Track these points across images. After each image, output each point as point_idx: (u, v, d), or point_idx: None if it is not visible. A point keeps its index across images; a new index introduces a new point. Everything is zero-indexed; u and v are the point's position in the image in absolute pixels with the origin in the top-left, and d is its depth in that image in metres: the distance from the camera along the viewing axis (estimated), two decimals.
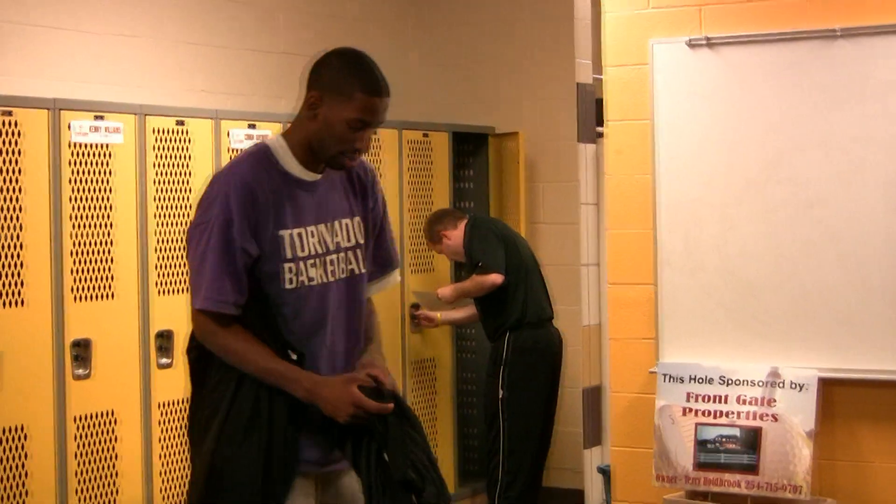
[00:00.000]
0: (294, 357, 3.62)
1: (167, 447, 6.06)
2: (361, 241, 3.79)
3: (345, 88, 3.60)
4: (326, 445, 3.69)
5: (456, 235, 7.39)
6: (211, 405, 3.61)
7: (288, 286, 3.62)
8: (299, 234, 3.64)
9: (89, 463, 5.71)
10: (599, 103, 7.43)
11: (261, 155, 3.67)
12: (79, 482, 5.66)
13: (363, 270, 3.80)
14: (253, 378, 3.58)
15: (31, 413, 5.50)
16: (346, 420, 3.57)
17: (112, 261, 5.84)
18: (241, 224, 3.55)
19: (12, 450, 5.43)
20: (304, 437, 3.65)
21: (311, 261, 3.66)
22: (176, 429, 6.04)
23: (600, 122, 7.43)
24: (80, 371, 5.68)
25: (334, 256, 3.71)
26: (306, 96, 3.67)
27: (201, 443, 3.62)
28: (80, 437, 5.69)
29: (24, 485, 5.42)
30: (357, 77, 3.61)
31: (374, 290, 3.95)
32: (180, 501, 6.07)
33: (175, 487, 6.08)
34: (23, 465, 5.45)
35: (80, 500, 5.65)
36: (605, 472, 7.45)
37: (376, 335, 3.95)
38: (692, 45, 5.88)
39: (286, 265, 3.62)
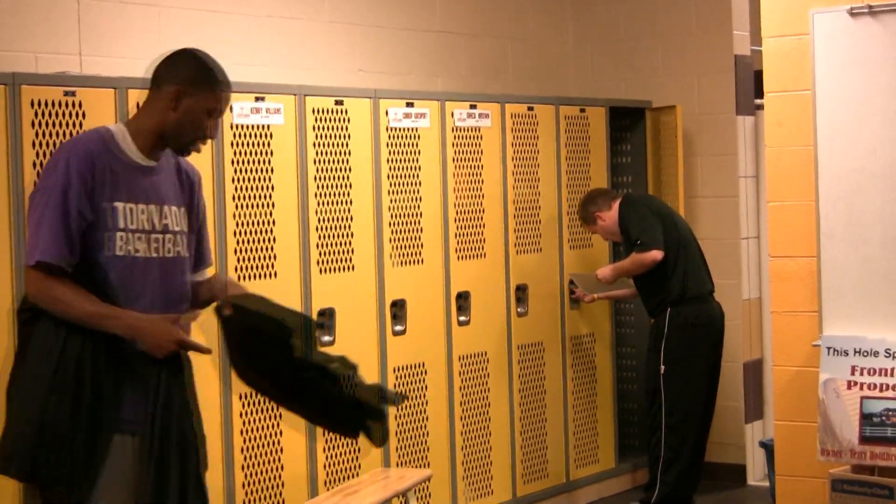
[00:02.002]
0: None
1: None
2: (185, 230, 4.12)
3: (206, 82, 4.03)
4: (147, 404, 3.93)
5: (610, 216, 7.36)
6: (35, 365, 3.84)
7: (118, 253, 3.92)
8: (130, 209, 3.95)
9: None
10: (757, 75, 7.37)
11: (102, 132, 4.00)
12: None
13: (187, 255, 4.13)
14: (76, 341, 3.84)
15: None
16: (164, 356, 3.88)
17: (274, 240, 5.94)
18: (79, 188, 3.85)
19: None
20: (128, 397, 3.91)
21: (139, 235, 3.96)
22: None
23: (758, 94, 7.36)
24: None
25: (160, 236, 4.02)
26: (165, 91, 4.00)
27: (23, 399, 3.83)
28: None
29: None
30: (214, 72, 4.05)
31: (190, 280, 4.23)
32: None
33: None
34: None
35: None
36: (767, 447, 7.39)
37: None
38: (854, 13, 5.79)
39: (118, 234, 3.93)
